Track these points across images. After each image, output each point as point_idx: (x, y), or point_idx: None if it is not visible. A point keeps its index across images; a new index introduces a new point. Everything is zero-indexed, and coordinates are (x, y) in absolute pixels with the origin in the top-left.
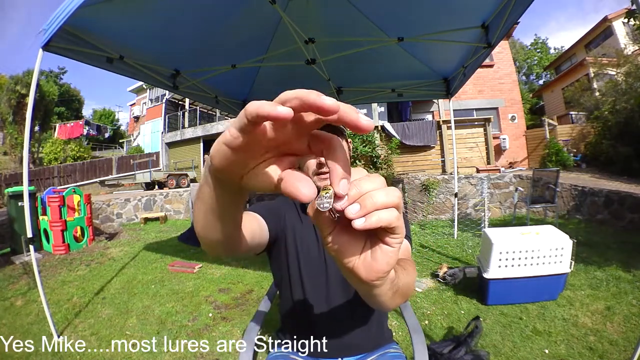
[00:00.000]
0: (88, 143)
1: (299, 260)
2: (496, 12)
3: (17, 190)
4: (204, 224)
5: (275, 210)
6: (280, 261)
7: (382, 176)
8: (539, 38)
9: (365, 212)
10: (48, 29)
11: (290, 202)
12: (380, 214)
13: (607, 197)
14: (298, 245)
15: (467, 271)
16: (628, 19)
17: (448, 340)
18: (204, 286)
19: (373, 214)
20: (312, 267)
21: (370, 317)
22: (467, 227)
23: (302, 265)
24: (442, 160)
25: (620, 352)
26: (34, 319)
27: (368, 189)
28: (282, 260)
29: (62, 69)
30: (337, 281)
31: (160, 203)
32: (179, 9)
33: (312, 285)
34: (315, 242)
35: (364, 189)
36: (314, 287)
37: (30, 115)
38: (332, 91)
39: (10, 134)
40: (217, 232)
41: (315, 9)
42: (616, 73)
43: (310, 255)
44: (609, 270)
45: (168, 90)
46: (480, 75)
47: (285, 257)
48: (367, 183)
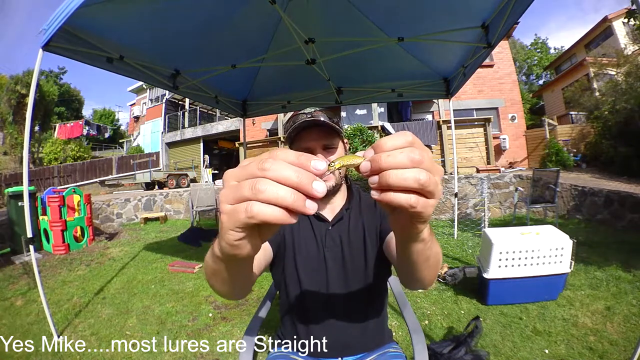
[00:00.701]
0: (88, 143)
1: (297, 260)
2: (496, 12)
3: (17, 190)
4: (221, 288)
5: None
6: (279, 263)
7: None
8: (539, 38)
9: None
10: (48, 29)
11: None
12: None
13: (607, 197)
14: (296, 245)
15: (467, 271)
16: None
17: (448, 340)
18: (204, 286)
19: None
20: (311, 267)
21: (370, 316)
22: (467, 227)
23: (301, 265)
24: (442, 160)
25: (620, 352)
26: (34, 319)
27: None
28: (281, 262)
29: (62, 69)
30: (336, 281)
31: (160, 203)
32: (179, 9)
33: (311, 285)
34: (314, 241)
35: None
36: (313, 287)
37: (30, 115)
38: (332, 91)
39: (10, 134)
40: (234, 289)
41: (315, 9)
42: (616, 73)
43: (309, 255)
44: (609, 270)
45: (168, 90)
46: (480, 75)
47: (284, 258)
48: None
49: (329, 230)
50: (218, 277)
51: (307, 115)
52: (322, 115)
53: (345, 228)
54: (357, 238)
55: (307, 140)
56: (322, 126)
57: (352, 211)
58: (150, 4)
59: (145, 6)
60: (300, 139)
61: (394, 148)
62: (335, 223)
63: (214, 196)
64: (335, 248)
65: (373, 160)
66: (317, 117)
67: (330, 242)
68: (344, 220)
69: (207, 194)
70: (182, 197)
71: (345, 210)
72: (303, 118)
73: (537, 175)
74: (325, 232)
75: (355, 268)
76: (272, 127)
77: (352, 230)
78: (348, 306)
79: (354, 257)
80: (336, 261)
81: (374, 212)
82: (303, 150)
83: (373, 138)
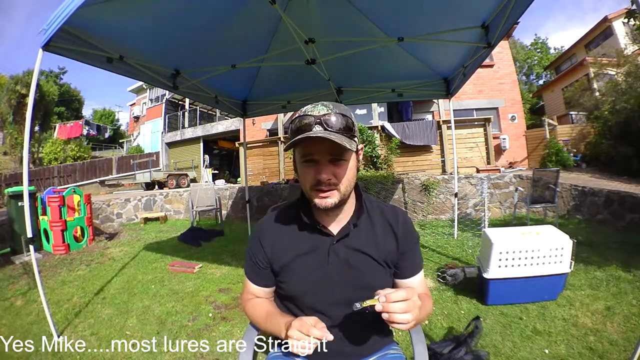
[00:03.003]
0: (88, 143)
1: (297, 276)
2: (496, 12)
3: (17, 190)
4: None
5: (259, 264)
6: (277, 271)
7: (382, 176)
8: (539, 38)
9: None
10: (48, 29)
11: (272, 221)
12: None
13: (607, 197)
14: (297, 261)
15: (467, 271)
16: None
17: (448, 340)
18: (204, 286)
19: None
20: (312, 282)
21: (371, 318)
22: (467, 227)
23: (302, 281)
24: (442, 160)
25: (620, 352)
26: (34, 319)
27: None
28: (281, 280)
29: (62, 69)
30: (338, 295)
31: (160, 203)
32: (179, 9)
33: (312, 301)
34: (316, 256)
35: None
36: (314, 302)
37: (30, 115)
38: (332, 91)
39: (10, 134)
40: None
41: (315, 9)
42: (616, 73)
43: (310, 269)
44: (609, 270)
45: (168, 90)
46: (480, 75)
47: (285, 276)
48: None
49: (333, 245)
50: (262, 329)
51: (315, 118)
52: (336, 117)
53: (351, 243)
54: (363, 256)
55: (311, 150)
56: None
57: (360, 226)
58: (150, 4)
59: (145, 6)
60: (305, 146)
61: (395, 300)
62: (340, 239)
63: (214, 196)
64: (339, 264)
65: (384, 306)
66: (327, 122)
67: (334, 257)
68: (350, 236)
69: (207, 194)
70: (182, 197)
71: (352, 226)
72: (311, 121)
73: (537, 175)
74: (329, 246)
75: (358, 284)
76: (272, 127)
77: (358, 247)
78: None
79: (358, 274)
80: (339, 276)
81: (390, 235)
82: (307, 161)
83: (373, 138)
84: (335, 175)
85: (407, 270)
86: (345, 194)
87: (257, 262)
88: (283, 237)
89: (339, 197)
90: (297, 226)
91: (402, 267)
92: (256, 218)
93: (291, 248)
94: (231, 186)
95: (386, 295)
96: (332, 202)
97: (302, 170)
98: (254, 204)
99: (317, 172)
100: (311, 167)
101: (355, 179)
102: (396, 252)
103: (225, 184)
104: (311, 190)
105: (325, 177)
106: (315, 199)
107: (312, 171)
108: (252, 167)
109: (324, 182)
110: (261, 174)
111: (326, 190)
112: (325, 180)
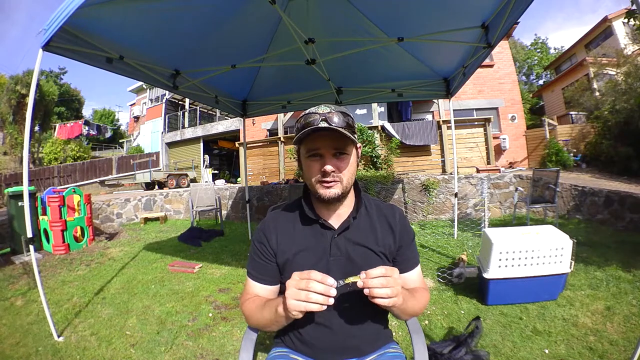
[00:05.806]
0: (88, 143)
1: (293, 265)
2: (496, 12)
3: (17, 190)
4: (264, 329)
5: (264, 257)
6: (281, 266)
7: (382, 176)
8: (539, 38)
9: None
10: (48, 29)
11: (274, 218)
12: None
13: (607, 197)
14: (299, 255)
15: (467, 271)
16: (628, 19)
17: (448, 340)
18: (204, 286)
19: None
20: (312, 264)
21: (370, 317)
22: (467, 227)
23: (302, 263)
24: (442, 160)
25: (620, 352)
26: (34, 319)
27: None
28: (284, 275)
29: (62, 69)
30: (337, 275)
31: (160, 203)
32: (178, 9)
33: None
34: (318, 250)
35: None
36: None
37: (30, 115)
38: (332, 91)
39: (10, 134)
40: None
41: (315, 9)
42: (616, 73)
43: (312, 263)
44: (609, 270)
45: (168, 90)
46: (480, 75)
47: (288, 271)
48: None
49: (335, 239)
50: (268, 327)
51: (320, 115)
52: (338, 115)
53: (352, 237)
54: (363, 249)
55: (317, 144)
56: (335, 131)
57: (360, 220)
58: (150, 4)
59: (145, 6)
60: (311, 141)
61: (374, 276)
62: (341, 232)
63: (214, 196)
64: (341, 257)
65: (364, 281)
66: (330, 119)
67: (335, 250)
68: (351, 229)
69: (207, 194)
70: (182, 197)
71: (352, 219)
72: (316, 118)
73: (537, 175)
74: (330, 240)
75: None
76: (272, 127)
77: (358, 240)
78: (348, 306)
79: (359, 266)
80: (340, 269)
81: (388, 230)
82: (312, 154)
83: (373, 138)
84: (338, 168)
85: (403, 265)
86: (347, 186)
87: (262, 256)
88: (286, 233)
89: (342, 189)
90: (299, 222)
91: (398, 262)
92: (256, 218)
93: (294, 242)
94: (231, 186)
95: (366, 272)
96: (335, 193)
97: (307, 165)
98: (254, 204)
99: (322, 164)
100: (317, 161)
101: (355, 174)
102: (394, 246)
103: (225, 184)
104: (316, 182)
105: (330, 168)
106: (320, 189)
107: (318, 164)
108: (252, 167)
109: (329, 174)
110: (261, 174)
111: (330, 182)
112: (330, 172)
